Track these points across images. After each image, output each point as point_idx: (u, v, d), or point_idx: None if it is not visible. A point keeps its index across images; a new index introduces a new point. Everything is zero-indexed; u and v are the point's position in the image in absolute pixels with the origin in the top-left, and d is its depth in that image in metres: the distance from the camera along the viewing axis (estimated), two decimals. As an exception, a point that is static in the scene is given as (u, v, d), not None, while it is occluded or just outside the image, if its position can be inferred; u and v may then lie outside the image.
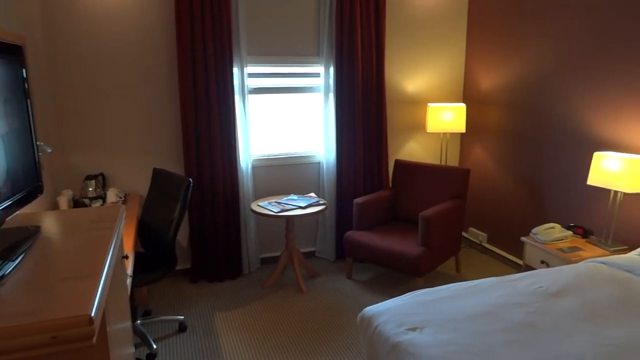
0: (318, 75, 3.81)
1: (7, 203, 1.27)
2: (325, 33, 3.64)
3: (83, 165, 3.34)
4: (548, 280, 2.20)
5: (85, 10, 3.15)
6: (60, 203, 2.87)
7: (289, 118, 3.85)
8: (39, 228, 1.37)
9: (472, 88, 4.16)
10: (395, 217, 3.84)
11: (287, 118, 3.84)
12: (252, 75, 3.63)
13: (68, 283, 1.00)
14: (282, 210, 3.28)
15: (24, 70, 1.46)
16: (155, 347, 2.70)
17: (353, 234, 3.46)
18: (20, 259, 1.13)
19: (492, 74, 3.90)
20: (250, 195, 3.67)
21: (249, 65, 3.58)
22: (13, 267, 1.08)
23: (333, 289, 3.45)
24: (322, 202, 3.49)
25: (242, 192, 3.62)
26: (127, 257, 1.75)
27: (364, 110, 3.82)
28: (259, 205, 3.41)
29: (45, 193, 2.83)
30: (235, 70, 3.47)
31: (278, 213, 3.24)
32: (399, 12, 3.92)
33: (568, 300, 2.01)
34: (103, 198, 3.09)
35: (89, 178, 3.12)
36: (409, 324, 1.85)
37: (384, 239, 3.31)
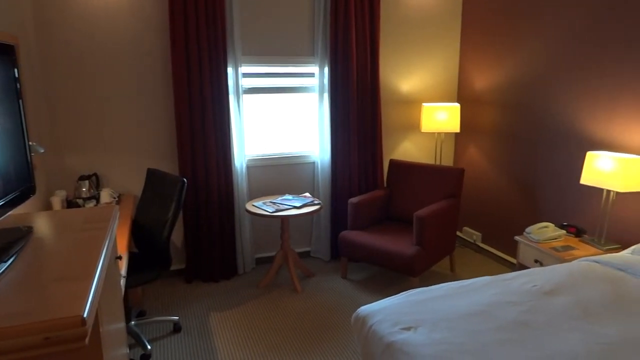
0: (313, 75, 3.81)
1: (-1, 204, 1.26)
2: (320, 33, 3.64)
3: (76, 166, 3.32)
4: (541, 279, 2.21)
5: (79, 10, 3.13)
6: (54, 203, 2.85)
7: (284, 118, 3.85)
8: (32, 229, 1.36)
9: (466, 88, 4.18)
10: (390, 216, 3.85)
11: (281, 118, 3.84)
12: (246, 75, 3.62)
13: (61, 284, 0.99)
14: (276, 210, 3.28)
15: (16, 70, 1.45)
16: (150, 347, 2.69)
17: (348, 234, 3.46)
18: (13, 260, 1.12)
19: (486, 74, 3.91)
20: (245, 195, 3.66)
21: (244, 65, 3.58)
22: (5, 268, 1.07)
23: (328, 289, 3.45)
24: (316, 202, 3.49)
25: (236, 192, 3.61)
26: (120, 257, 1.75)
27: (359, 110, 3.82)
28: (254, 205, 3.41)
29: (39, 193, 2.82)
30: (230, 70, 3.46)
31: (273, 213, 3.24)
32: (394, 12, 3.93)
33: (561, 299, 2.02)
34: (97, 198, 3.07)
35: (83, 178, 3.11)
36: (404, 323, 1.85)
37: (379, 239, 3.32)
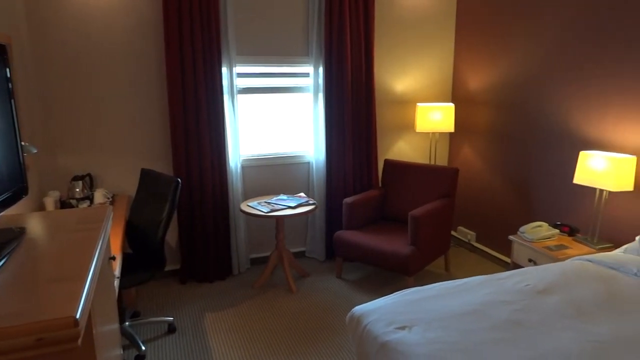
0: (307, 75, 3.81)
1: (-9, 204, 1.25)
2: (315, 33, 3.64)
3: (70, 166, 3.30)
4: (535, 278, 2.23)
5: (73, 10, 3.11)
6: (47, 204, 2.83)
7: (279, 118, 3.84)
8: (24, 229, 1.36)
9: (460, 88, 4.19)
10: (385, 216, 3.86)
11: (276, 118, 3.84)
12: (241, 75, 3.62)
13: (53, 285, 0.99)
14: (271, 210, 3.27)
15: (8, 70, 1.44)
16: (144, 348, 2.68)
17: (343, 234, 3.46)
18: (5, 261, 1.12)
19: (480, 74, 3.93)
20: (240, 196, 3.66)
21: (238, 65, 3.57)
22: (-3, 269, 1.06)
23: (323, 289, 3.46)
24: (311, 202, 3.49)
25: (231, 192, 3.61)
26: (114, 258, 1.74)
27: (354, 110, 3.83)
28: (249, 206, 3.40)
29: (31, 194, 2.80)
30: (224, 70, 3.45)
31: (268, 213, 3.24)
32: (388, 12, 3.94)
33: (554, 298, 2.03)
34: (90, 199, 3.06)
35: (76, 179, 3.09)
36: (398, 323, 1.86)
37: (374, 239, 3.32)
